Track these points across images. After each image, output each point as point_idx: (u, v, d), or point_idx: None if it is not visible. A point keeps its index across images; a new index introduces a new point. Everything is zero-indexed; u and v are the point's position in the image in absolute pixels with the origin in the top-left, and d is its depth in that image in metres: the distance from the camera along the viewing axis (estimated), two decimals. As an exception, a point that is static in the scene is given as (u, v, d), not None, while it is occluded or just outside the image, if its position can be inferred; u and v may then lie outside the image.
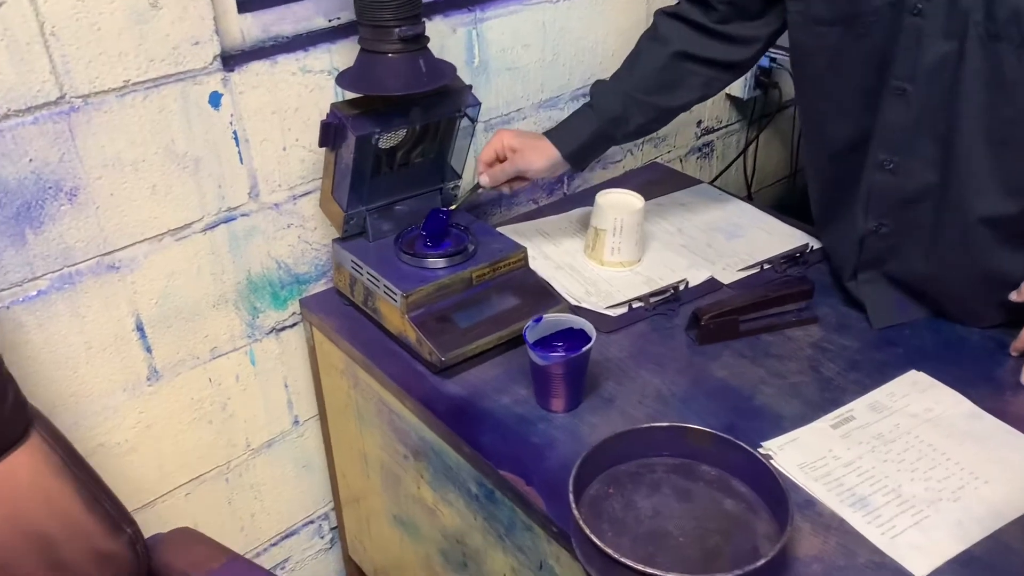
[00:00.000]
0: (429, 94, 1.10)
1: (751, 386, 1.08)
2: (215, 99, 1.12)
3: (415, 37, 1.04)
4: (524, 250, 1.20)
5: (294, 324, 1.33)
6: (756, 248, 1.34)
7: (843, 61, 1.07)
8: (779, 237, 1.37)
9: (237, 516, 1.41)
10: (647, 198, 1.42)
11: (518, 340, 1.14)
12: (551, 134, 1.24)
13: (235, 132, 1.15)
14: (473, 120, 1.19)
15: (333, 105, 1.11)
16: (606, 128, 1.21)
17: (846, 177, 1.14)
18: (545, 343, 1.05)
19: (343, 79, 1.08)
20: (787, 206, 2.12)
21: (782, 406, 1.05)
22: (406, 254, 1.16)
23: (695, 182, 1.56)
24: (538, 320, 1.04)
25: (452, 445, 1.03)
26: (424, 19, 1.07)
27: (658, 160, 1.75)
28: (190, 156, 1.12)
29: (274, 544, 1.49)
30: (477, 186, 1.24)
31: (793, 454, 0.97)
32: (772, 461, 0.96)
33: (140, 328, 1.17)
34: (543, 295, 1.18)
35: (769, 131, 1.96)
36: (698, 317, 1.14)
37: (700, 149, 1.85)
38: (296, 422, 1.41)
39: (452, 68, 1.11)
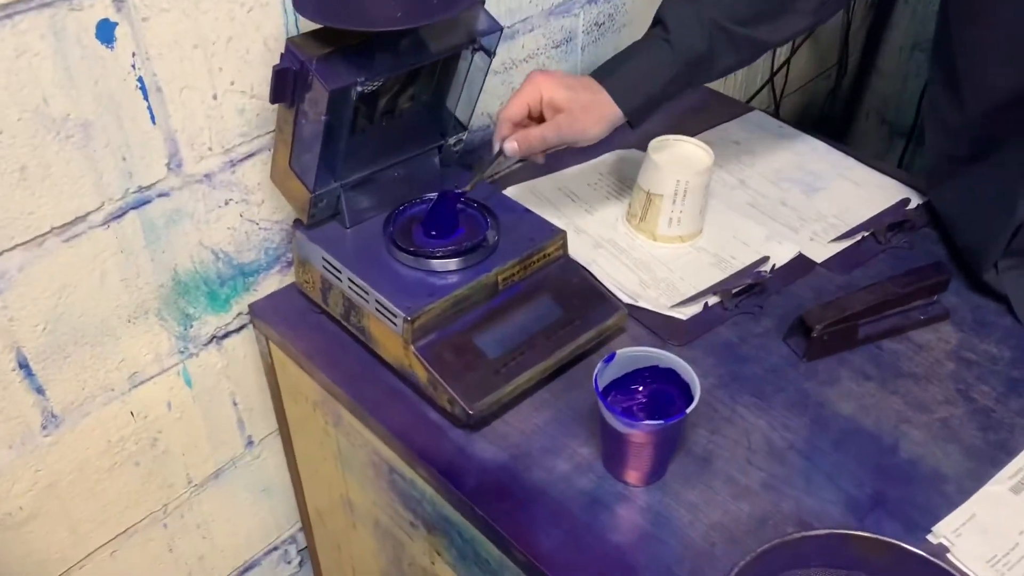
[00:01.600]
0: (432, 20, 0.74)
1: (891, 427, 0.79)
2: (106, 31, 0.74)
3: (419, -63, 0.67)
4: (563, 235, 0.86)
5: (240, 328, 0.98)
6: (845, 207, 1.03)
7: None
8: (869, 189, 1.06)
9: (182, 562, 1.10)
10: (688, 133, 1.09)
11: (566, 367, 0.83)
12: (609, 82, 0.86)
13: (140, 79, 0.78)
14: (490, 53, 0.83)
15: (289, 42, 0.74)
16: (685, 71, 0.85)
17: (1005, 142, 0.83)
18: (619, 386, 0.74)
19: (305, 3, 0.71)
20: (818, 117, 1.81)
21: (938, 458, 0.77)
22: (402, 250, 0.82)
23: (743, 107, 1.23)
24: (610, 359, 0.72)
25: (495, 541, 0.73)
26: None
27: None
28: (74, 120, 0.75)
29: (230, 582, 1.19)
30: (500, 154, 0.87)
31: (975, 542, 0.70)
32: (949, 556, 0.69)
33: (24, 365, 0.82)
34: (593, 299, 0.86)
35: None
36: (807, 326, 0.84)
37: (727, 55, 1.50)
38: (250, 443, 1.09)
39: (470, -18, 0.74)
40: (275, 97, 0.75)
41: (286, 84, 0.73)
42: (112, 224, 0.82)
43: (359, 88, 0.73)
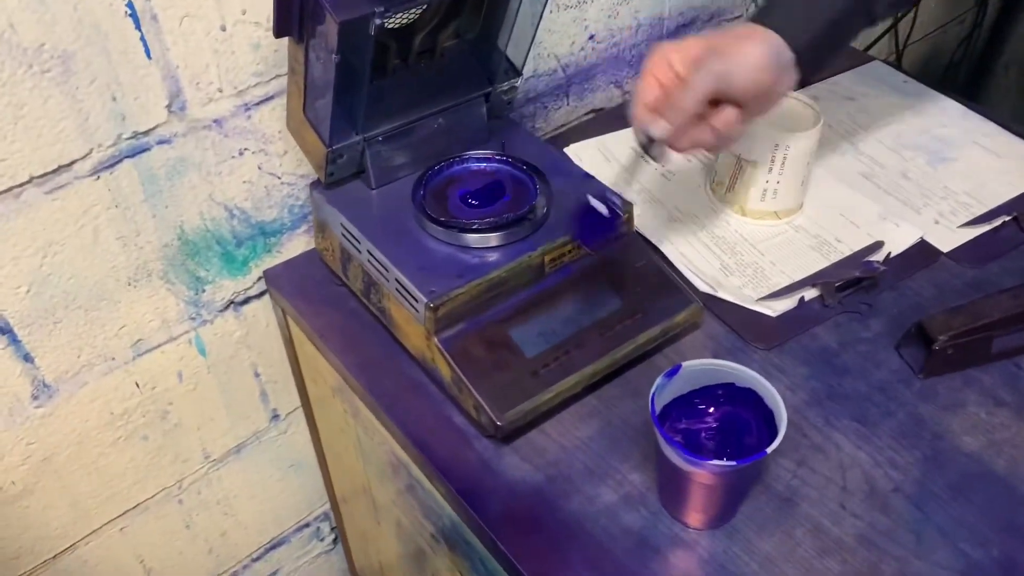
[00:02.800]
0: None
1: (1028, 471, 0.63)
2: (84, -55, 0.62)
3: None
4: (629, 208, 0.71)
5: (261, 293, 0.87)
6: (980, 183, 0.85)
7: None
8: (1012, 162, 0.87)
9: (201, 539, 1.02)
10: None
11: (622, 368, 0.69)
12: (766, 17, 0.65)
13: (131, 4, 0.65)
14: (548, -19, 0.68)
15: (295, -39, 0.60)
16: None
17: None
18: (684, 405, 0.59)
19: (310, -90, 0.57)
20: (945, 68, 1.58)
21: (1091, 518, 0.60)
22: (433, 221, 0.68)
23: (860, 57, 1.04)
24: (673, 373, 0.58)
25: (518, 582, 0.60)
26: None
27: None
28: (51, 51, 0.63)
29: (256, 559, 1.11)
30: (646, 149, 0.64)
31: None
32: (1104, 656, 0.53)
33: (7, 331, 0.73)
34: (660, 287, 0.71)
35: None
36: (928, 336, 0.67)
37: (844, -6, 1.30)
38: (275, 417, 0.98)
39: None
40: (279, 29, 0.61)
41: (291, 14, 0.60)
42: (103, 174, 0.71)
43: (378, 21, 0.59)
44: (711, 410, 0.59)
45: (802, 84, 0.67)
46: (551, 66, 0.96)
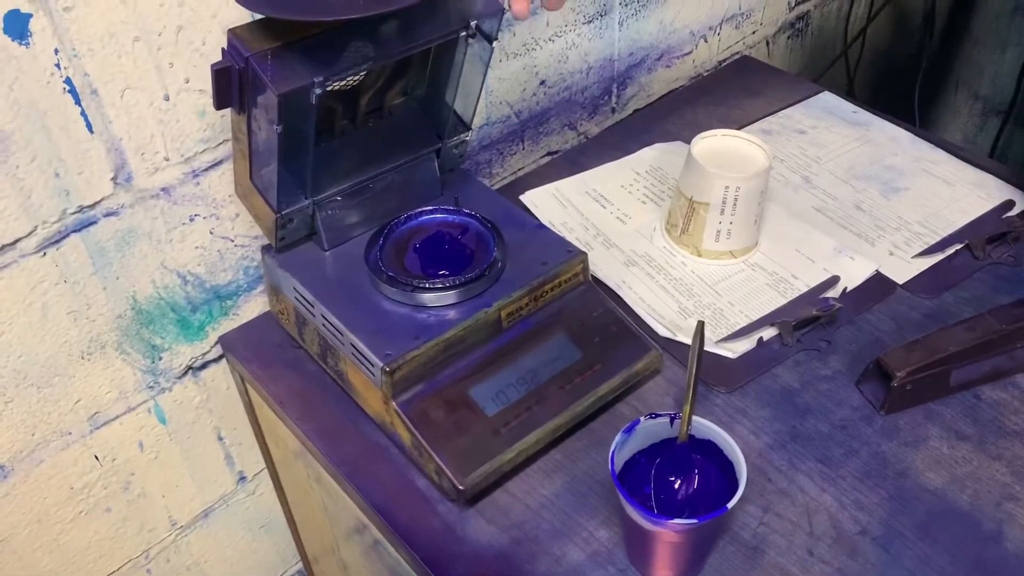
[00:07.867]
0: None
1: (991, 506, 0.63)
2: (17, 25, 0.61)
3: None
4: (583, 258, 0.71)
5: (220, 357, 0.86)
6: (933, 211, 0.86)
7: None
8: (963, 189, 0.88)
9: (172, 607, 1.00)
10: (744, 121, 0.94)
11: (583, 422, 0.68)
12: None
13: (68, 80, 0.65)
14: (491, 39, 0.68)
15: (232, 34, 0.60)
16: None
17: None
18: (647, 457, 0.59)
19: (243, -16, 0.57)
20: (897, 89, 1.60)
21: (1057, 551, 0.60)
22: (387, 282, 0.68)
23: (810, 88, 1.05)
24: (630, 430, 0.58)
25: (488, 651, 0.59)
26: None
27: (743, 50, 1.22)
28: (-13, 132, 0.63)
29: (231, 622, 1.08)
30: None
31: (1111, 676, 0.54)
32: None
33: (-44, 413, 0.71)
34: (619, 336, 0.71)
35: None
36: (887, 373, 0.67)
37: (793, 25, 1.32)
38: (242, 479, 0.97)
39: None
40: (219, 102, 0.61)
41: (230, 86, 0.59)
42: (50, 250, 0.70)
43: (319, 90, 0.59)
44: (676, 462, 0.59)
45: None
46: (504, 113, 0.96)
